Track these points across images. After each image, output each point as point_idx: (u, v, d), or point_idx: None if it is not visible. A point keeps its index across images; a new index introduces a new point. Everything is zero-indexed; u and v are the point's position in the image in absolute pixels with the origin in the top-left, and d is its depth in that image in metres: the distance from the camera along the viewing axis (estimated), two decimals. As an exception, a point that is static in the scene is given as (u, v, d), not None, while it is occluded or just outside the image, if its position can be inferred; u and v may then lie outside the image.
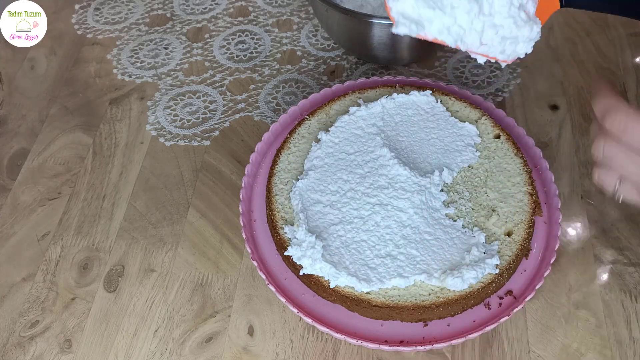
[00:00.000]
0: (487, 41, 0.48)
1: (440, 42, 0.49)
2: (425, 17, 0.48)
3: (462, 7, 0.47)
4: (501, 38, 0.48)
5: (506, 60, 0.48)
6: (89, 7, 0.90)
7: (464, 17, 0.47)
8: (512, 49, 0.48)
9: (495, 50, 0.48)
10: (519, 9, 0.48)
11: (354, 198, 0.57)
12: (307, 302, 0.55)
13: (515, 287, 0.55)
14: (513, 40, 0.48)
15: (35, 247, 0.64)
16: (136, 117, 0.75)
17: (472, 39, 0.48)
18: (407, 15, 0.48)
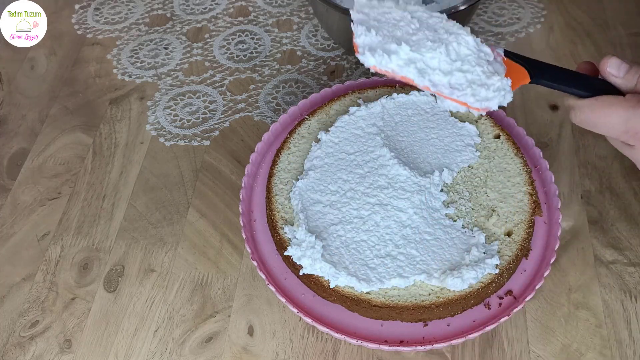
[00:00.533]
0: (456, 85, 0.47)
1: (409, 80, 0.48)
2: (391, 49, 0.48)
3: (427, 47, 0.48)
4: (470, 82, 0.47)
5: (478, 109, 0.48)
6: (89, 7, 0.90)
7: (429, 55, 0.48)
8: (484, 95, 0.47)
9: (466, 94, 0.47)
10: (486, 62, 0.48)
11: (353, 198, 0.57)
12: (307, 302, 0.55)
13: (515, 287, 0.55)
14: (484, 86, 0.47)
15: (35, 247, 0.64)
16: (136, 117, 0.75)
17: (440, 79, 0.47)
18: (373, 48, 0.48)
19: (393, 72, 0.48)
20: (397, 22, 0.50)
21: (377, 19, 0.50)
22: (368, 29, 0.49)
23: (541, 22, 0.84)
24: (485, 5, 0.86)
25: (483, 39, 0.82)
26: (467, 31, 0.50)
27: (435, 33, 0.49)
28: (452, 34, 0.49)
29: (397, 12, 0.51)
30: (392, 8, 0.51)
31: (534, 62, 0.51)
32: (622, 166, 0.67)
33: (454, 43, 0.48)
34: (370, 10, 0.51)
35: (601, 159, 0.68)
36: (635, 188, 0.66)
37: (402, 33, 0.49)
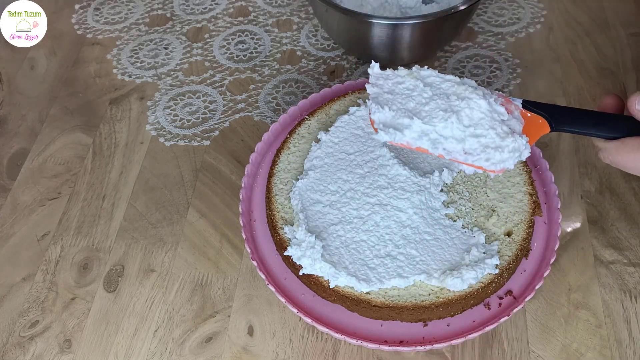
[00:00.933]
0: (470, 150, 0.49)
1: (423, 150, 0.50)
2: (404, 124, 0.50)
3: (439, 117, 0.49)
4: (484, 146, 0.48)
5: (494, 170, 0.48)
6: (89, 7, 0.90)
7: (442, 125, 0.49)
8: (498, 158, 0.48)
9: (481, 159, 0.48)
10: (500, 123, 0.49)
11: (353, 198, 0.57)
12: (306, 302, 0.55)
13: (515, 287, 0.55)
14: (498, 149, 0.48)
15: (35, 247, 0.64)
16: (136, 117, 0.75)
17: (454, 146, 0.49)
18: (388, 124, 0.50)
19: (408, 144, 0.50)
20: (410, 93, 0.52)
21: (390, 90, 0.52)
22: (381, 106, 0.51)
23: (541, 22, 0.84)
24: (485, 5, 0.86)
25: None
26: (480, 93, 0.50)
27: (448, 100, 0.50)
28: (464, 99, 0.50)
29: (410, 81, 0.52)
30: (405, 77, 0.53)
31: (554, 110, 0.50)
32: (622, 166, 0.67)
33: (465, 109, 0.49)
34: (385, 81, 0.53)
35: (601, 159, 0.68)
36: (635, 188, 0.66)
37: (415, 104, 0.51)
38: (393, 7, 0.76)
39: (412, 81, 0.52)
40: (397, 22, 0.70)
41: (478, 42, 0.82)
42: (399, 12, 0.77)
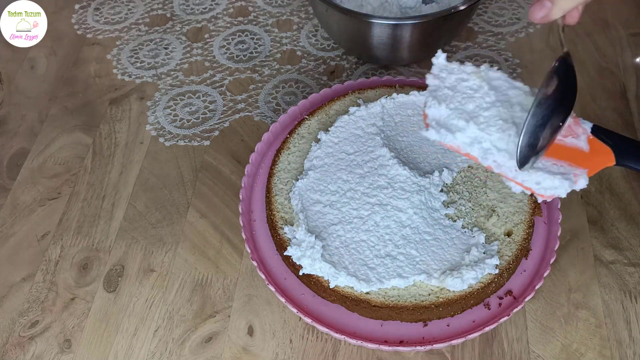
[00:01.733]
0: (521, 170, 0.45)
1: (472, 157, 0.46)
2: (458, 126, 0.46)
3: (497, 126, 0.45)
4: (536, 168, 0.45)
5: (543, 195, 0.45)
6: (89, 7, 0.90)
7: (498, 135, 0.45)
8: (550, 184, 0.45)
9: (531, 180, 0.45)
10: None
11: (353, 198, 0.57)
12: (306, 302, 0.55)
13: (515, 287, 0.55)
14: (551, 173, 0.45)
15: (35, 247, 0.64)
16: (136, 117, 0.75)
17: (505, 161, 0.45)
18: (441, 123, 0.47)
19: (457, 147, 0.47)
20: (473, 93, 0.47)
21: (452, 87, 0.48)
22: (439, 101, 0.47)
23: (541, 22, 0.84)
24: (485, 5, 0.86)
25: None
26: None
27: (511, 110, 0.46)
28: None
29: (475, 80, 0.48)
30: (471, 74, 0.49)
31: (622, 141, 0.47)
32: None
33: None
34: (448, 75, 0.49)
35: (601, 159, 0.68)
36: (635, 188, 0.66)
37: (475, 106, 0.47)
38: (393, 7, 0.76)
39: (477, 81, 0.48)
40: (397, 22, 0.70)
41: (478, 42, 0.82)
42: (399, 12, 0.77)
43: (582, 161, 0.46)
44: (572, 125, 0.47)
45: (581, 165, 0.46)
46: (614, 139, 0.47)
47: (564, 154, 0.46)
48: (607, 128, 0.47)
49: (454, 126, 0.47)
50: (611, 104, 0.74)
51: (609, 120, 0.72)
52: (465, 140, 0.46)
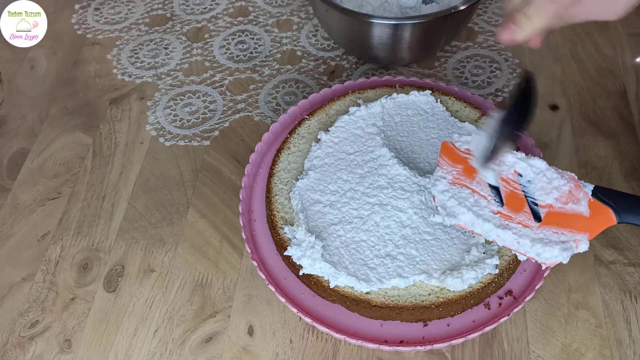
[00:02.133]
0: (523, 243, 0.48)
1: (477, 233, 0.50)
2: (459, 211, 0.50)
3: (493, 221, 0.49)
4: (534, 241, 0.48)
5: (545, 263, 0.48)
6: (89, 7, 0.90)
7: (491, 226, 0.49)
8: (549, 254, 0.48)
9: (532, 252, 0.48)
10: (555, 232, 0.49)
11: (353, 198, 0.57)
12: (306, 302, 0.55)
13: (515, 287, 0.55)
14: (549, 244, 0.48)
15: (35, 247, 0.64)
16: (136, 117, 0.75)
17: (508, 237, 0.49)
18: (445, 207, 0.51)
19: (464, 224, 0.50)
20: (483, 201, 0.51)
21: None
22: (460, 203, 0.50)
23: (541, 22, 0.84)
24: (485, 5, 0.86)
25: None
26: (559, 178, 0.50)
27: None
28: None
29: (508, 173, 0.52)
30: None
31: (624, 199, 0.49)
32: (622, 166, 0.67)
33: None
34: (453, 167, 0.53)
35: (601, 159, 0.68)
36: (635, 188, 0.66)
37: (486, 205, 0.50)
38: (393, 7, 0.76)
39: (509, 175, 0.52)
40: (397, 22, 0.70)
41: (478, 42, 0.82)
42: (399, 12, 0.77)
43: (584, 225, 0.49)
44: (573, 190, 0.50)
45: (582, 230, 0.48)
46: (614, 197, 0.49)
47: (565, 222, 0.49)
48: (607, 188, 0.50)
49: (457, 212, 0.50)
50: (611, 104, 0.74)
51: (609, 120, 0.72)
52: (466, 220, 0.50)
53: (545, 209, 0.49)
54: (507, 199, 0.50)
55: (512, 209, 0.50)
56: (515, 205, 0.50)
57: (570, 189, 0.50)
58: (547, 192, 0.50)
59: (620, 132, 0.71)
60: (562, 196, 0.49)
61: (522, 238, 0.48)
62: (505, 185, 0.51)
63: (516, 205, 0.50)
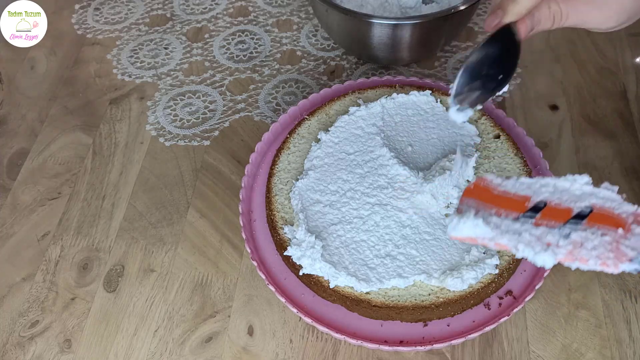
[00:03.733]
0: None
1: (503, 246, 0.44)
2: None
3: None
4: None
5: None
6: (89, 7, 0.90)
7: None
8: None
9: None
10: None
11: (353, 198, 0.57)
12: (306, 302, 0.55)
13: (515, 287, 0.55)
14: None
15: (35, 247, 0.64)
16: (136, 117, 0.75)
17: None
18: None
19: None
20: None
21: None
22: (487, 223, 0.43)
23: (541, 22, 0.84)
24: (485, 5, 0.86)
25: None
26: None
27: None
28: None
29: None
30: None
31: None
32: (622, 166, 0.67)
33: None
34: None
35: (601, 159, 0.68)
36: (635, 188, 0.66)
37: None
38: (393, 7, 0.76)
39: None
40: (397, 22, 0.70)
41: (478, 42, 0.82)
42: (399, 12, 0.76)
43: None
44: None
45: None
46: None
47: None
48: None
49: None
50: (611, 104, 0.74)
51: (609, 120, 0.72)
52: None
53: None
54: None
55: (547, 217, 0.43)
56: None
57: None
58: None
59: (620, 132, 0.71)
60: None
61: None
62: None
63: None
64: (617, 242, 0.41)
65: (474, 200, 0.44)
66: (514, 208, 0.44)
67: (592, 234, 0.42)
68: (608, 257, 0.40)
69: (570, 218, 0.43)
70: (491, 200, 0.45)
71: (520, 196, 0.45)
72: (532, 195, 0.44)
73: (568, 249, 0.41)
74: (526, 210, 0.43)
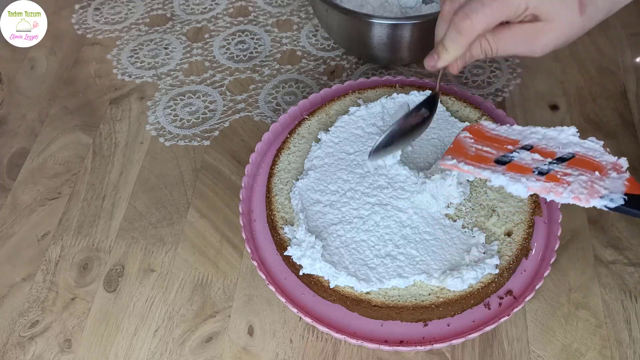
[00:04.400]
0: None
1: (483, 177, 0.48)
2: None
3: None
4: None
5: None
6: (89, 7, 0.90)
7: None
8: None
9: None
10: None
11: (353, 198, 0.57)
12: (307, 302, 0.55)
13: (515, 287, 0.55)
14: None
15: (35, 247, 0.64)
16: (136, 117, 0.75)
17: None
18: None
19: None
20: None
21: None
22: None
23: (541, 22, 0.84)
24: (485, 5, 0.86)
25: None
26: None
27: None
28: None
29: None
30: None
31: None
32: (622, 166, 0.67)
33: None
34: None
35: (601, 159, 0.68)
36: (635, 188, 0.66)
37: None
38: (393, 7, 0.76)
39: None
40: (397, 22, 0.70)
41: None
42: (399, 12, 0.77)
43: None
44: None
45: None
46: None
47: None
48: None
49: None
50: (611, 104, 0.74)
51: (609, 120, 0.72)
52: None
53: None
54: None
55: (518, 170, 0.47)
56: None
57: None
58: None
59: (620, 132, 0.71)
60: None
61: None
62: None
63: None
64: (592, 181, 0.45)
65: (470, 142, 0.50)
66: (503, 148, 0.49)
67: (571, 172, 0.46)
68: (581, 193, 0.44)
69: (553, 159, 0.47)
70: (484, 139, 0.50)
71: (510, 140, 0.50)
72: (521, 140, 0.49)
73: (542, 183, 0.45)
74: (513, 150, 0.48)
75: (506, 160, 0.48)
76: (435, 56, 0.52)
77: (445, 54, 0.51)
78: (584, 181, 0.45)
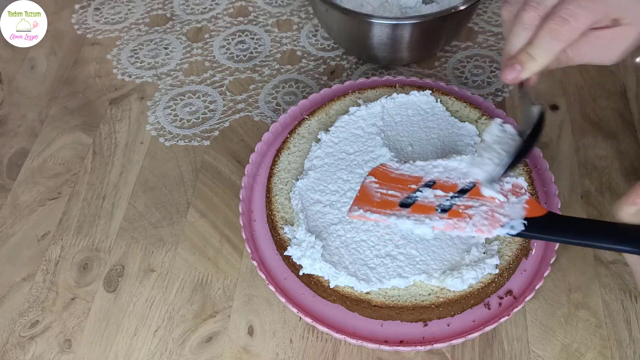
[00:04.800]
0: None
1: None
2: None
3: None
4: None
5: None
6: (89, 7, 0.90)
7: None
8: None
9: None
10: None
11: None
12: (307, 302, 0.55)
13: (515, 287, 0.55)
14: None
15: (35, 247, 0.64)
16: (136, 117, 0.75)
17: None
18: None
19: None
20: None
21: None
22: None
23: (541, 22, 0.84)
24: (485, 5, 0.86)
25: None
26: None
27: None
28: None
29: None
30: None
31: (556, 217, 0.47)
32: (622, 166, 0.67)
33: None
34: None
35: (601, 159, 0.68)
36: (635, 188, 0.66)
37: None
38: (393, 7, 0.76)
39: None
40: (397, 22, 0.70)
41: (478, 42, 0.82)
42: (399, 12, 0.77)
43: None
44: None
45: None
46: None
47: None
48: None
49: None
50: (611, 104, 0.74)
51: (609, 120, 0.72)
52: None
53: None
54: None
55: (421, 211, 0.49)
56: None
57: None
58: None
59: (620, 132, 0.71)
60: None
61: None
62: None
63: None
64: (493, 210, 0.47)
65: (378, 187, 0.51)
66: (407, 189, 0.50)
67: (472, 204, 0.48)
68: (483, 225, 0.46)
69: (455, 192, 0.49)
70: (388, 181, 0.51)
71: (413, 178, 0.51)
72: (424, 176, 0.51)
73: (445, 221, 0.47)
74: (417, 189, 0.50)
75: (410, 202, 0.49)
76: (517, 67, 0.47)
77: (533, 63, 0.46)
78: (485, 212, 0.47)
